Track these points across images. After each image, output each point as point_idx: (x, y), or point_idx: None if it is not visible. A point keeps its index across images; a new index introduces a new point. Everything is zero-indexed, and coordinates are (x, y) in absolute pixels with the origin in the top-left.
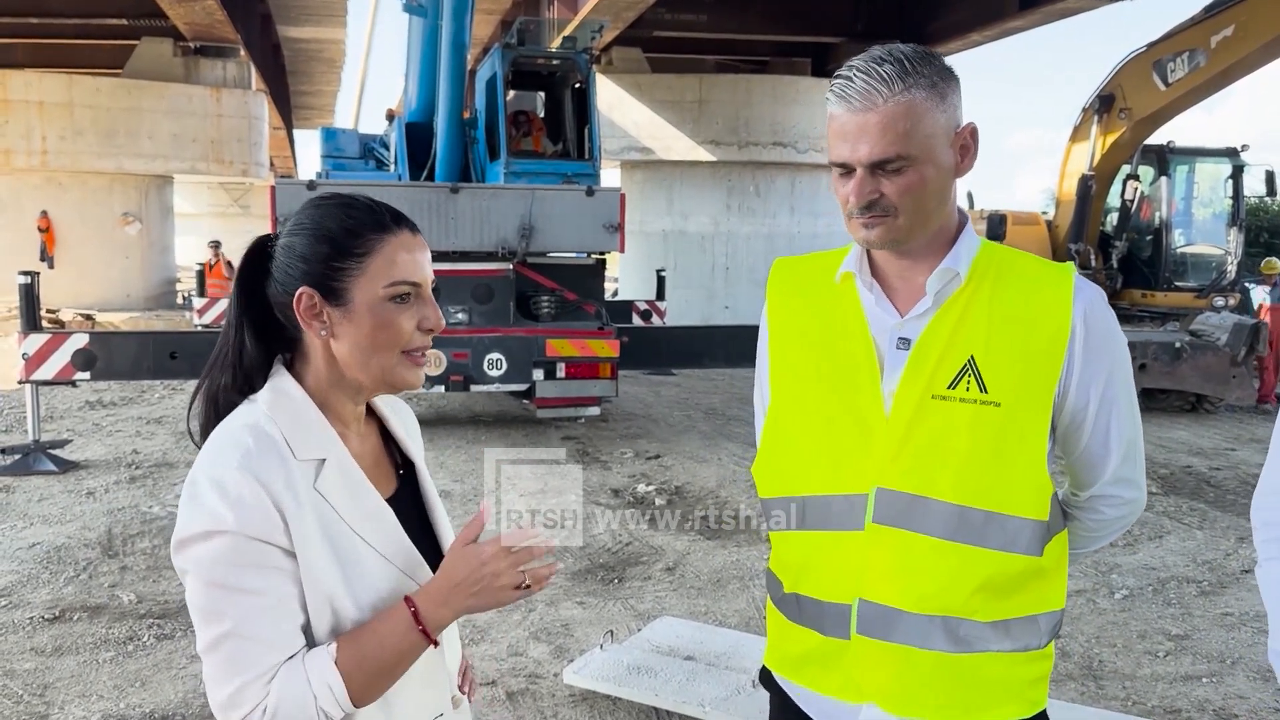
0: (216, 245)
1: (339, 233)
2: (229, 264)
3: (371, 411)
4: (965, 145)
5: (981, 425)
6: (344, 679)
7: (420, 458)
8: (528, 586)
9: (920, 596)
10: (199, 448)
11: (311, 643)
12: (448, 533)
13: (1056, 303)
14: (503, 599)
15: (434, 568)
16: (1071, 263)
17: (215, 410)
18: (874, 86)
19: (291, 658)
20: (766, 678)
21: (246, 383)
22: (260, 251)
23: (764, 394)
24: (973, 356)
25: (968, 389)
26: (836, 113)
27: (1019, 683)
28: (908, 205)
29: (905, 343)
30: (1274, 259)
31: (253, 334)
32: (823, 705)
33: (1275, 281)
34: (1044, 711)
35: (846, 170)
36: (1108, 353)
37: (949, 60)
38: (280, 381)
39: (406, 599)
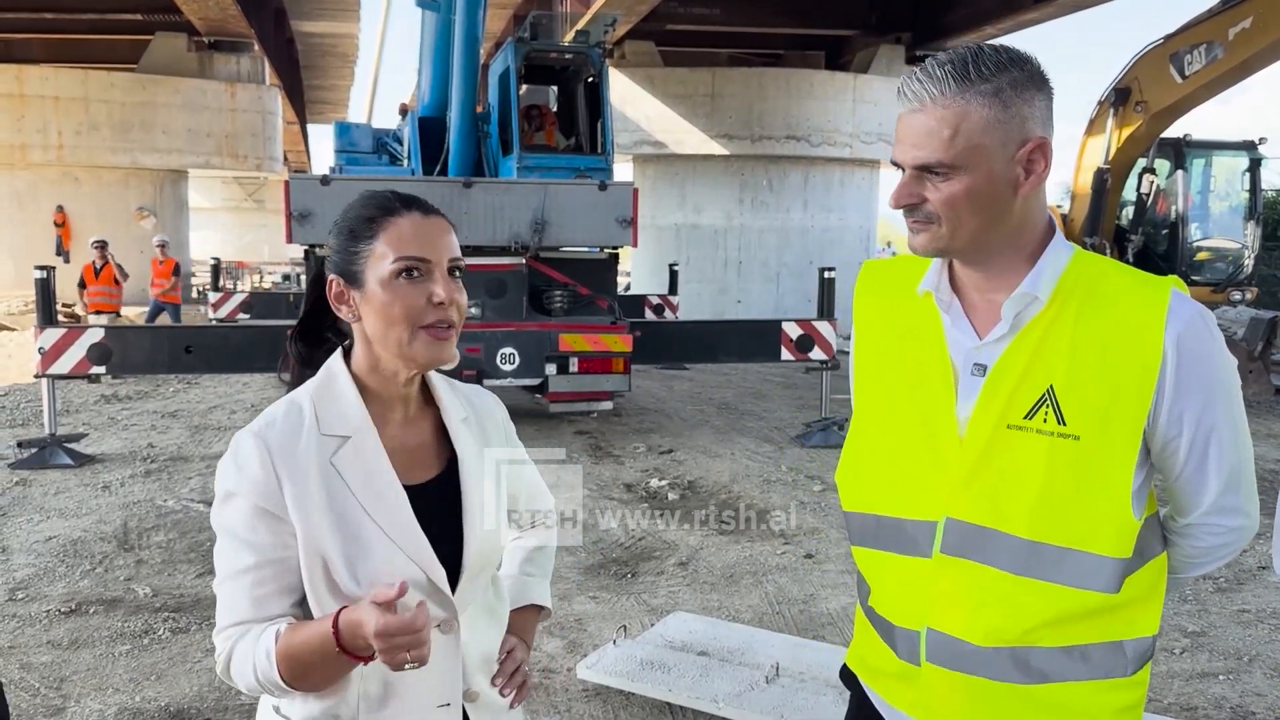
0: (103, 245)
1: (354, 221)
2: (120, 266)
3: (433, 400)
4: (1032, 160)
5: (1058, 458)
6: (278, 660)
7: (470, 449)
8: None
9: (988, 630)
10: None
11: (317, 607)
12: (475, 527)
13: (1147, 329)
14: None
15: (454, 557)
16: (1173, 277)
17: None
18: (927, 88)
19: (277, 619)
20: (846, 675)
21: (298, 375)
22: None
23: (851, 400)
24: (1052, 386)
25: (1045, 420)
26: (899, 112)
27: (1103, 712)
28: (949, 216)
29: (981, 369)
30: None
31: (306, 333)
32: (898, 717)
33: None
34: None
35: (901, 168)
36: (1204, 379)
37: None
38: (331, 363)
39: (339, 610)
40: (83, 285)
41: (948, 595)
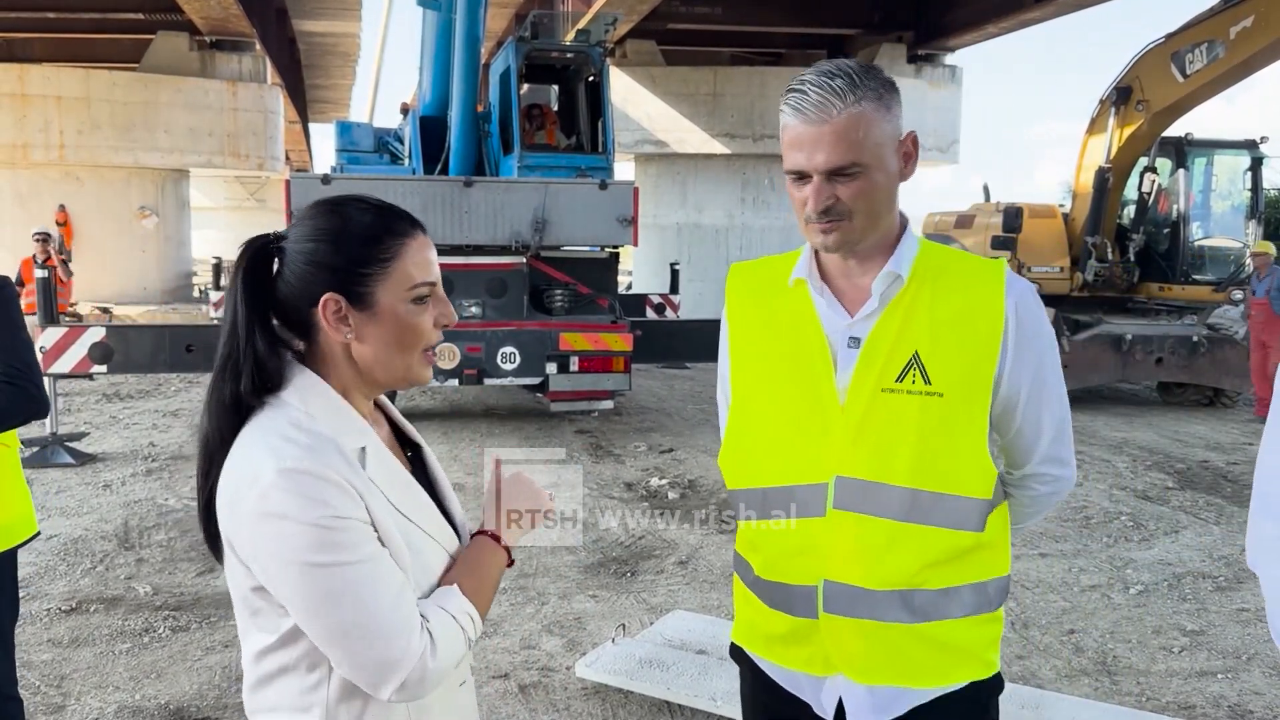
0: (45, 239)
1: (363, 239)
2: (64, 263)
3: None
4: (908, 152)
5: (928, 414)
6: (473, 602)
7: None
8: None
9: (880, 575)
10: (217, 455)
11: None
12: (458, 509)
13: (991, 299)
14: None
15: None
16: (1003, 259)
17: (239, 415)
18: (828, 99)
19: (423, 602)
20: (736, 652)
21: (265, 384)
22: (264, 254)
23: (726, 391)
24: (917, 352)
25: (914, 382)
26: (791, 124)
27: (974, 645)
28: (861, 208)
29: (855, 341)
30: (1268, 241)
31: (265, 335)
32: (793, 678)
33: (1269, 270)
34: (999, 674)
35: (801, 177)
36: (1037, 343)
37: (969, 51)
38: (307, 379)
39: (480, 531)
40: (21, 283)
41: (842, 547)
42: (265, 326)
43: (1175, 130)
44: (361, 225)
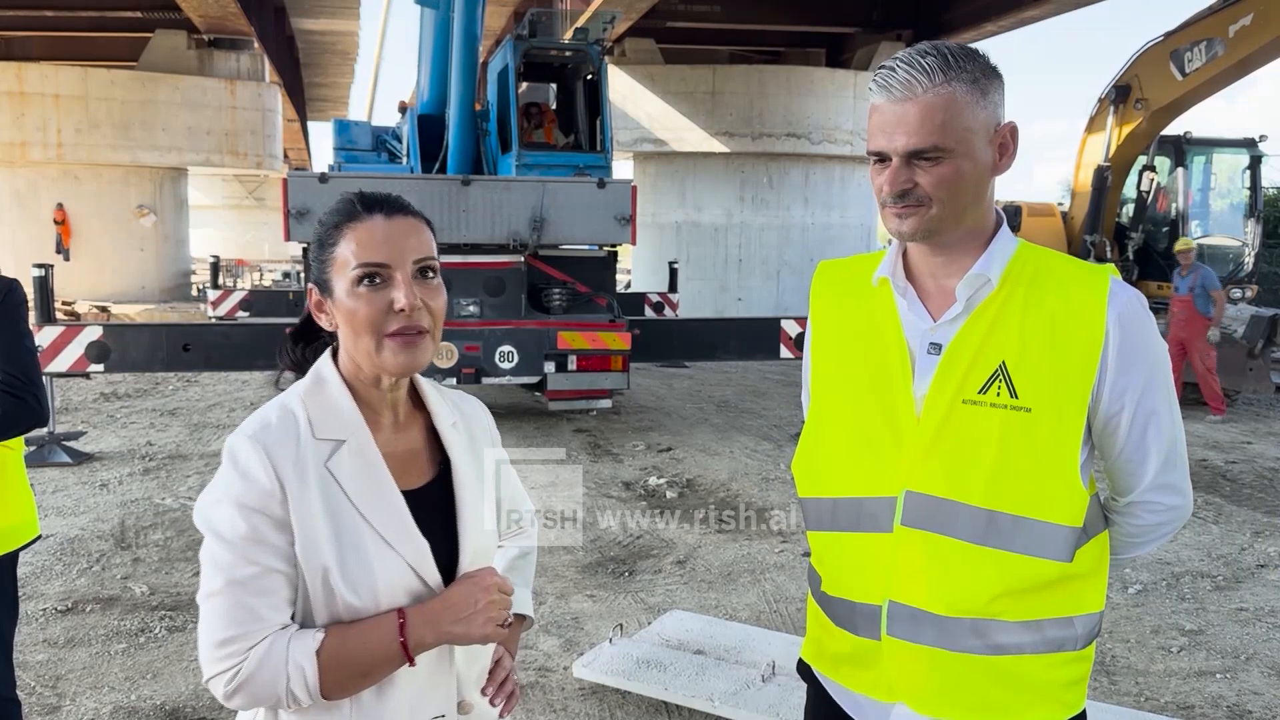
0: None
1: (321, 229)
2: None
3: (423, 405)
4: (1004, 143)
5: (1012, 430)
6: (320, 669)
7: (462, 454)
8: (507, 625)
9: (949, 599)
10: None
11: (308, 617)
12: (471, 533)
13: (1090, 308)
14: (486, 632)
15: (449, 564)
16: (1110, 264)
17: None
18: (915, 77)
19: (284, 629)
20: (804, 669)
21: (296, 367)
22: None
23: (807, 394)
24: (1004, 362)
25: (998, 394)
26: (878, 103)
27: (1054, 684)
28: (942, 197)
29: (936, 348)
30: (1189, 238)
31: (302, 329)
32: (856, 701)
33: (1192, 266)
34: (1083, 713)
35: (883, 159)
36: (1143, 359)
37: None
38: (320, 366)
39: (399, 610)
40: None
41: (909, 567)
42: (308, 328)
43: (1174, 129)
44: (326, 216)
